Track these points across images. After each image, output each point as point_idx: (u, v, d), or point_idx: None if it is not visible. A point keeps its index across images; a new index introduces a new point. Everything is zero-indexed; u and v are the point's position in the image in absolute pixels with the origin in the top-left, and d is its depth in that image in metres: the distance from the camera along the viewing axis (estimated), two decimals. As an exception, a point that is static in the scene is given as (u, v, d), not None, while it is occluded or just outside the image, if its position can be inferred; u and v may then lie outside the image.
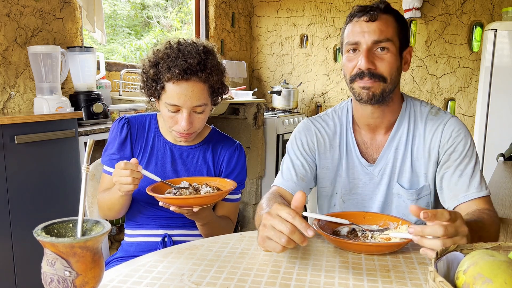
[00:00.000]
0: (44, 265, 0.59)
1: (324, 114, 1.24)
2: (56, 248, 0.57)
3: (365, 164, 1.16)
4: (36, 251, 1.72)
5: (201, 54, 1.12)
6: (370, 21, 1.04)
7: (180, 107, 1.12)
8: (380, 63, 1.05)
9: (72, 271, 0.58)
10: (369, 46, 1.04)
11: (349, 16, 1.09)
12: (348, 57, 1.08)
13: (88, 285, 0.60)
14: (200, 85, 1.12)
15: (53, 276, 0.58)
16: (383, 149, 1.15)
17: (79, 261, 0.58)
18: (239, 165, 1.28)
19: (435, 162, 1.11)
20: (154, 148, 1.25)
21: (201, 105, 1.14)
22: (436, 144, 1.10)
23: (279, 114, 3.38)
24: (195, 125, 1.16)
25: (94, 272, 0.60)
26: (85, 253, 0.58)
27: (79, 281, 0.59)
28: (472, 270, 0.56)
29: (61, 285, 0.58)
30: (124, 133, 1.23)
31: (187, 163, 1.25)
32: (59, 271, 0.58)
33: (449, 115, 1.14)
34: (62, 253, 0.57)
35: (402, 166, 1.13)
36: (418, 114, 1.15)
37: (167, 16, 4.49)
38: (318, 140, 1.19)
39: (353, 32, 1.06)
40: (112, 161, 1.22)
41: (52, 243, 0.57)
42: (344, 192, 1.19)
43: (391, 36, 1.05)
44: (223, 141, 1.29)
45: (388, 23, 1.06)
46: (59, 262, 0.58)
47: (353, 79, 1.07)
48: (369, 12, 1.04)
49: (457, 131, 1.10)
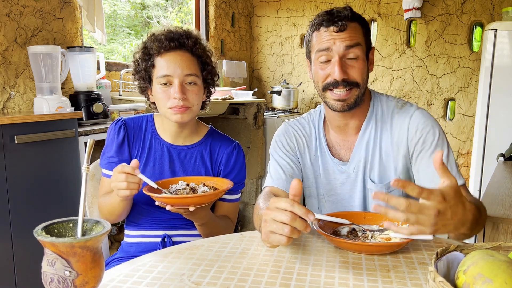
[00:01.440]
0: (44, 265, 0.59)
1: (301, 118, 1.28)
2: (56, 248, 0.57)
3: (338, 163, 1.18)
4: (36, 251, 1.72)
5: (185, 28, 1.20)
6: (339, 31, 1.06)
7: (171, 77, 1.15)
8: (352, 70, 1.07)
9: (72, 271, 0.58)
10: (341, 54, 1.06)
11: (315, 25, 1.10)
12: (320, 66, 1.10)
13: (88, 285, 0.60)
14: (188, 55, 1.18)
15: (53, 276, 0.58)
16: (354, 147, 1.18)
17: (79, 261, 0.58)
18: (237, 164, 1.28)
19: (405, 156, 1.13)
20: (151, 149, 1.24)
21: (191, 74, 1.16)
22: (404, 137, 1.13)
23: (279, 114, 3.38)
24: (189, 98, 1.16)
25: (94, 272, 0.60)
26: (85, 253, 0.59)
27: (79, 281, 0.59)
28: (472, 270, 0.56)
29: (61, 285, 0.58)
30: (121, 136, 1.23)
31: (185, 163, 1.25)
32: (59, 271, 0.58)
33: (415, 107, 1.15)
34: (62, 253, 0.57)
35: (373, 161, 1.16)
36: (385, 109, 1.17)
37: (167, 16, 4.49)
38: (297, 141, 1.23)
39: (323, 40, 1.07)
40: (110, 164, 1.22)
41: (52, 243, 0.57)
42: (325, 193, 1.22)
43: (360, 41, 1.08)
44: (221, 141, 1.29)
45: (356, 30, 1.08)
46: (59, 262, 0.58)
47: (326, 87, 1.10)
48: (337, 23, 1.05)
49: (423, 123, 1.11)
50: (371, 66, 1.15)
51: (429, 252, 0.90)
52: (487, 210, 1.13)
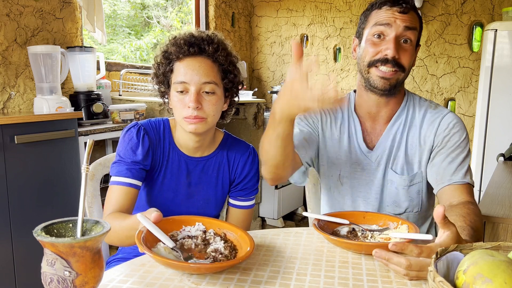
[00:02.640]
0: (44, 265, 0.59)
1: None
2: (56, 248, 0.57)
3: (364, 150, 1.19)
4: (36, 251, 1.72)
5: (208, 33, 1.13)
6: (402, 13, 1.08)
7: (188, 84, 1.07)
8: (403, 53, 1.09)
9: (72, 271, 0.58)
10: (398, 33, 1.07)
11: (378, 4, 1.11)
12: (373, 41, 1.10)
13: (88, 285, 0.60)
14: (208, 61, 1.09)
15: (53, 276, 0.58)
16: (381, 137, 1.18)
17: (79, 261, 0.58)
18: (253, 170, 1.24)
19: (429, 150, 1.15)
20: (169, 160, 1.17)
21: (209, 82, 1.07)
22: (432, 133, 1.14)
23: (279, 114, 3.37)
24: (205, 109, 1.08)
25: (94, 272, 0.60)
26: (85, 253, 0.58)
27: (79, 281, 0.59)
28: (472, 270, 0.56)
29: (61, 285, 0.58)
30: (147, 145, 1.13)
31: (202, 175, 1.19)
32: (59, 271, 0.58)
33: (448, 110, 1.18)
34: (62, 253, 0.57)
35: (397, 153, 1.17)
36: (418, 107, 1.19)
37: (167, 16, 4.49)
38: (321, 115, 1.23)
39: (384, 17, 1.09)
40: (132, 170, 1.10)
41: (52, 243, 0.57)
42: (343, 175, 1.21)
43: (417, 28, 1.10)
44: (238, 147, 1.24)
45: (415, 18, 1.10)
46: (59, 262, 0.58)
47: (373, 64, 1.10)
48: (401, 5, 1.08)
49: (454, 123, 1.14)
50: (414, 62, 1.16)
51: (429, 252, 0.90)
52: (487, 211, 1.13)
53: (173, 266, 0.76)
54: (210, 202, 1.21)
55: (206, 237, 0.89)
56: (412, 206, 1.18)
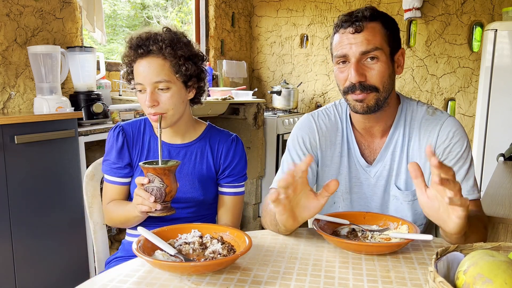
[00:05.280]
0: (145, 183, 1.02)
1: (325, 109, 1.23)
2: (155, 170, 1.01)
3: (363, 165, 1.16)
4: (36, 251, 1.72)
5: (157, 31, 1.16)
6: (356, 32, 1.02)
7: (143, 85, 1.14)
8: (370, 73, 1.03)
9: (164, 184, 1.02)
10: (357, 58, 1.02)
11: (336, 27, 1.08)
12: (339, 69, 1.07)
13: (172, 193, 1.03)
14: (157, 60, 1.13)
15: (153, 187, 1.02)
16: (380, 152, 1.15)
17: (167, 178, 1.02)
18: (237, 156, 1.27)
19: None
20: (150, 151, 1.25)
21: (161, 81, 1.12)
22: (432, 143, 1.10)
23: (279, 114, 3.38)
24: (162, 105, 1.13)
25: (175, 185, 1.04)
26: (169, 174, 1.02)
27: (168, 190, 1.02)
28: (472, 270, 0.56)
29: (158, 192, 1.02)
30: (120, 141, 1.24)
31: (185, 162, 1.25)
32: (157, 184, 1.02)
33: (446, 115, 1.13)
34: (158, 173, 1.01)
35: (399, 168, 1.13)
36: (415, 115, 1.14)
37: (167, 16, 4.49)
38: (320, 138, 1.19)
39: (341, 44, 1.04)
40: (113, 170, 1.24)
41: (153, 167, 1.01)
42: (345, 191, 1.19)
43: (380, 44, 1.03)
44: (220, 135, 1.29)
45: (375, 31, 1.03)
46: (157, 180, 1.01)
47: (345, 92, 1.07)
48: (354, 23, 1.02)
49: (454, 132, 1.09)
50: (399, 69, 1.10)
51: (429, 252, 0.90)
52: (487, 210, 1.12)
53: (175, 268, 0.77)
54: (195, 187, 1.24)
55: (203, 241, 0.90)
56: (420, 219, 1.16)
